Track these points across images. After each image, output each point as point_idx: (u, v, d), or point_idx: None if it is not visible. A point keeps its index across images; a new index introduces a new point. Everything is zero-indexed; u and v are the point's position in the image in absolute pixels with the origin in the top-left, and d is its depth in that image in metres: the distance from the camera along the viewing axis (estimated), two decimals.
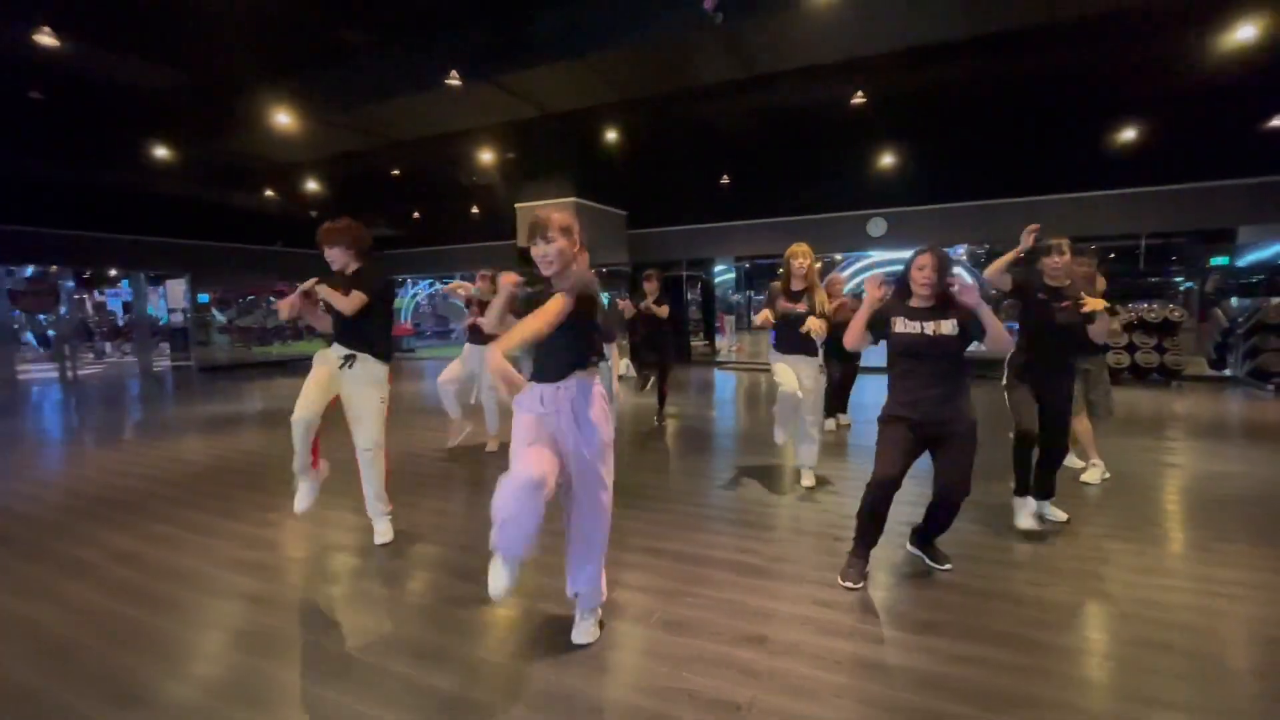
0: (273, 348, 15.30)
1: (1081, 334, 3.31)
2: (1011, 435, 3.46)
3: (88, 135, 8.08)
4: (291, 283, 6.17)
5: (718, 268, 13.68)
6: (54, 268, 11.65)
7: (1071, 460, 4.47)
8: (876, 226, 11.10)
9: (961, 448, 2.63)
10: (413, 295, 19.49)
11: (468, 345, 5.38)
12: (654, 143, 9.01)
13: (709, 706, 1.99)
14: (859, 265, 13.59)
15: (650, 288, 5.92)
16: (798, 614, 2.56)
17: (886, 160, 9.56)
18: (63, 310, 12.02)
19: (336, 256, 3.22)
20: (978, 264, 12.31)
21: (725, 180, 10.39)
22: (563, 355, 2.25)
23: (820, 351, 4.14)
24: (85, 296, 20.64)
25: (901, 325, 2.70)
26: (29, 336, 16.97)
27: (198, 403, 8.91)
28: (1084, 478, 4.27)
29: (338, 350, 3.25)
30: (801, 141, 9.24)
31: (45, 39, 4.53)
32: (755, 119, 8.13)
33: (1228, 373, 9.09)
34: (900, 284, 2.78)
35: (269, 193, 10.73)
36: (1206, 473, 4.50)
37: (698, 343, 13.78)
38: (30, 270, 12.80)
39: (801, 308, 3.89)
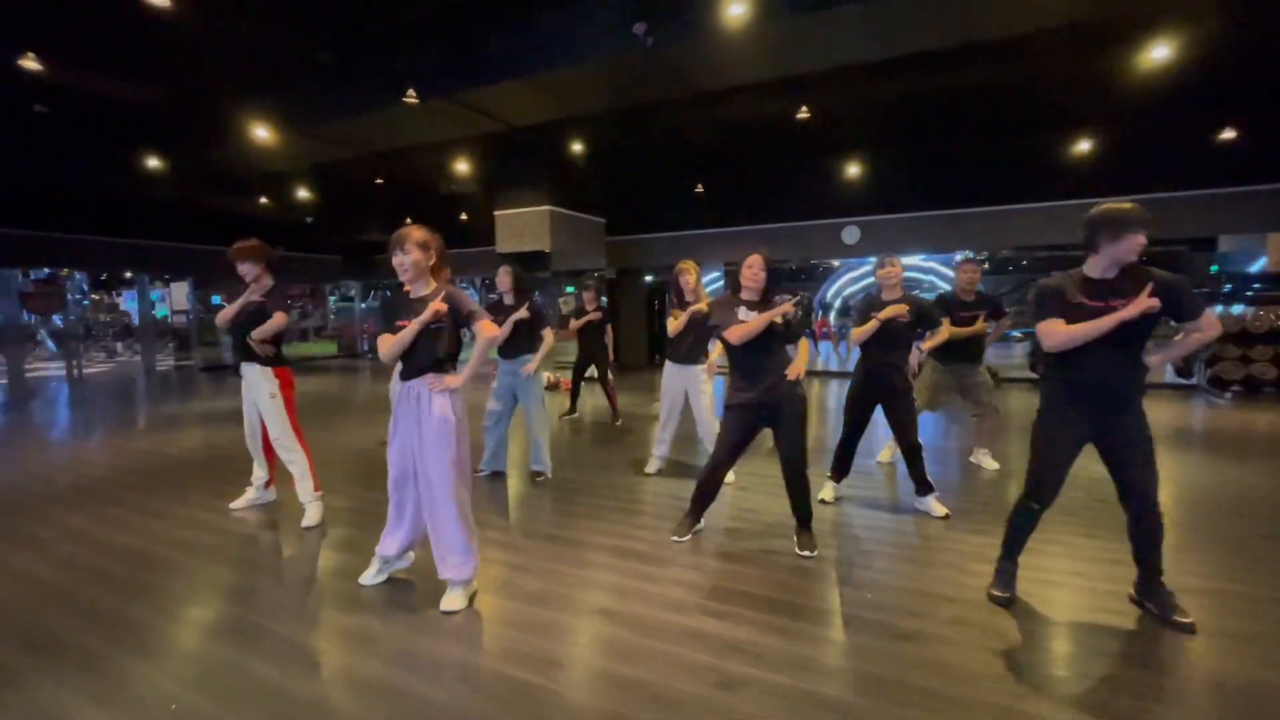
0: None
1: (902, 340, 3.70)
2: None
3: (88, 144, 8.57)
4: (297, 285, 6.47)
5: (708, 276, 13.93)
6: (64, 271, 12.23)
7: (987, 461, 4.78)
8: (850, 234, 11.28)
9: (795, 426, 3.05)
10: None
11: None
12: (628, 152, 9.31)
13: (542, 665, 2.27)
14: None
15: (588, 297, 6.20)
16: (653, 591, 2.83)
17: (858, 170, 9.77)
18: (71, 312, 12.60)
19: (247, 271, 3.63)
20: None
21: (699, 189, 10.65)
22: (419, 358, 2.57)
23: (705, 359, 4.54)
24: (101, 298, 21.39)
25: (742, 316, 3.04)
26: (43, 336, 17.67)
27: (189, 399, 9.35)
28: (983, 463, 4.87)
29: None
30: (772, 151, 9.49)
31: (29, 64, 4.97)
32: (724, 129, 8.40)
33: (1194, 381, 9.17)
34: (734, 281, 3.15)
35: (263, 200, 11.19)
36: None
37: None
38: (45, 273, 13.45)
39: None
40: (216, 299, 14.80)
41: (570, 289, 17.31)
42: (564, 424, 6.96)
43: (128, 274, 17.35)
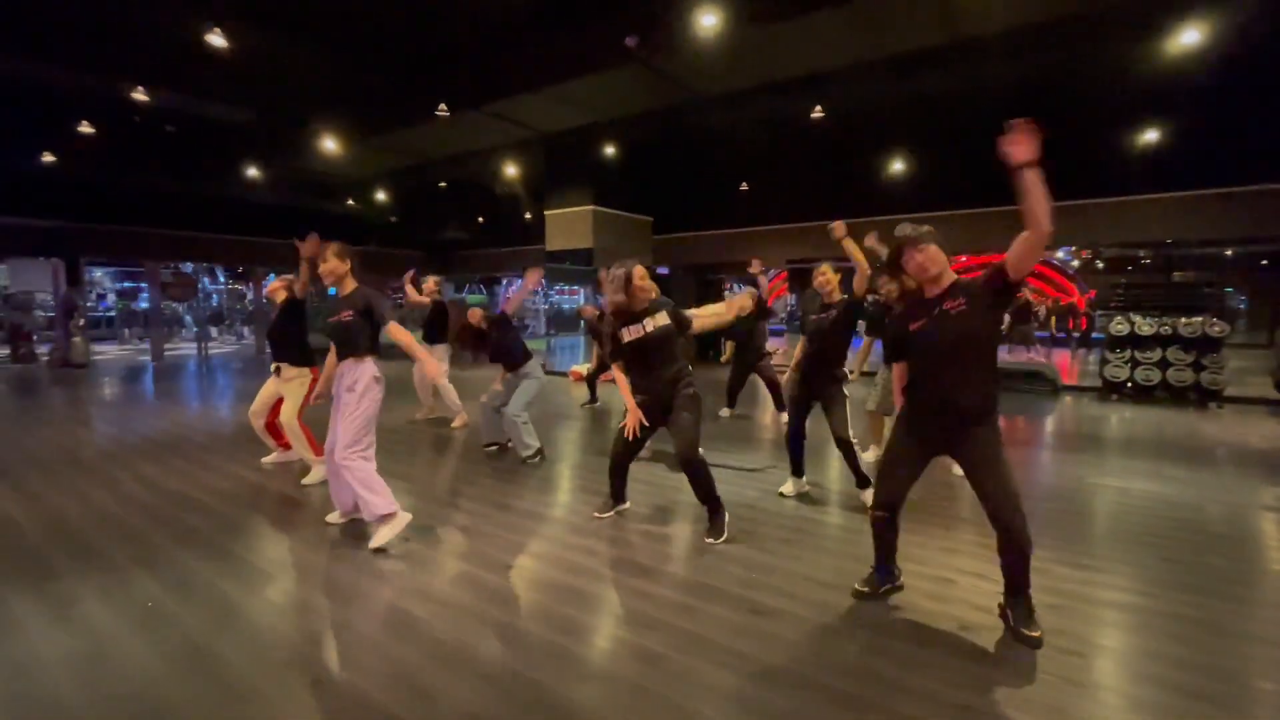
0: None
1: (831, 338, 3.79)
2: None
3: (209, 158, 10.06)
4: (393, 278, 7.54)
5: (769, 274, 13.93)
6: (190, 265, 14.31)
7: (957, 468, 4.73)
8: (910, 228, 10.92)
9: (683, 420, 3.21)
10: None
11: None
12: (666, 154, 9.60)
13: (424, 599, 2.72)
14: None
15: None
16: (557, 554, 3.20)
17: (903, 166, 9.48)
18: (203, 300, 14.71)
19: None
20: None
21: (744, 187, 10.73)
22: (340, 349, 3.19)
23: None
24: (239, 287, 24.45)
25: (627, 332, 3.32)
26: (187, 320, 20.55)
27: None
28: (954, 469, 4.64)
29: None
30: (814, 149, 9.42)
31: (139, 95, 6.10)
32: (757, 128, 8.49)
33: None
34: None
35: (350, 202, 12.51)
36: (1115, 489, 4.47)
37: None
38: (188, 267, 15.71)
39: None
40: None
41: None
42: (585, 411, 7.41)
43: (239, 268, 19.81)
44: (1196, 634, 2.48)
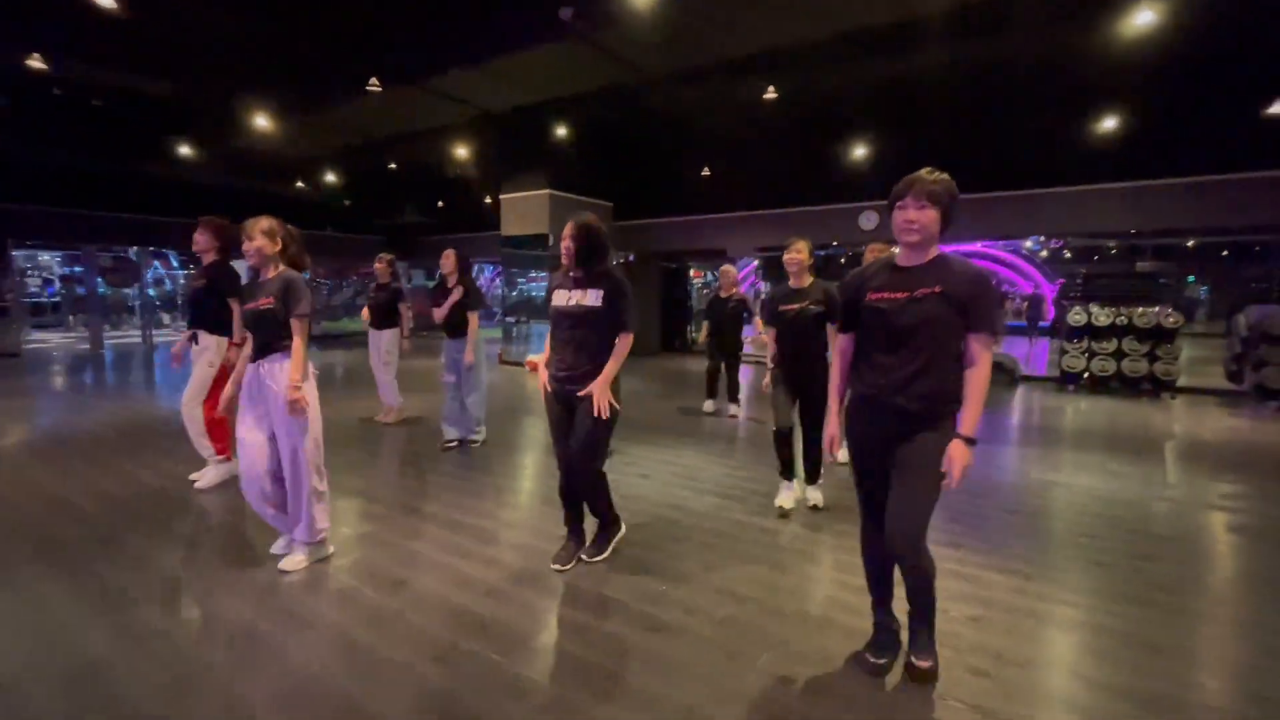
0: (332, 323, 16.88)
1: (815, 328, 3.45)
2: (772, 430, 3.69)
3: (139, 135, 9.47)
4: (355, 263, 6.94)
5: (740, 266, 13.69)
6: (134, 249, 13.62)
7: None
8: (868, 220, 10.76)
9: (582, 420, 2.77)
10: None
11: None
12: (624, 137, 9.27)
13: (293, 623, 2.44)
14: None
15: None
16: (456, 566, 2.94)
17: (869, 152, 9.27)
18: (148, 286, 14.05)
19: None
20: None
21: (706, 172, 10.45)
22: (259, 340, 2.82)
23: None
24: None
25: (557, 295, 2.87)
26: (135, 307, 19.69)
27: None
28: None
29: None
30: (775, 134, 9.16)
31: (35, 63, 5.61)
32: (715, 112, 8.20)
33: (1244, 388, 8.19)
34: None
35: (299, 184, 11.97)
36: (1060, 485, 4.34)
37: None
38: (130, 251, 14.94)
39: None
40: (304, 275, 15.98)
41: None
42: (539, 406, 7.14)
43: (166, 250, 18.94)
44: (1126, 651, 2.31)
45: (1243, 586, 2.86)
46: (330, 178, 11.66)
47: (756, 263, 17.62)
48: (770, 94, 6.43)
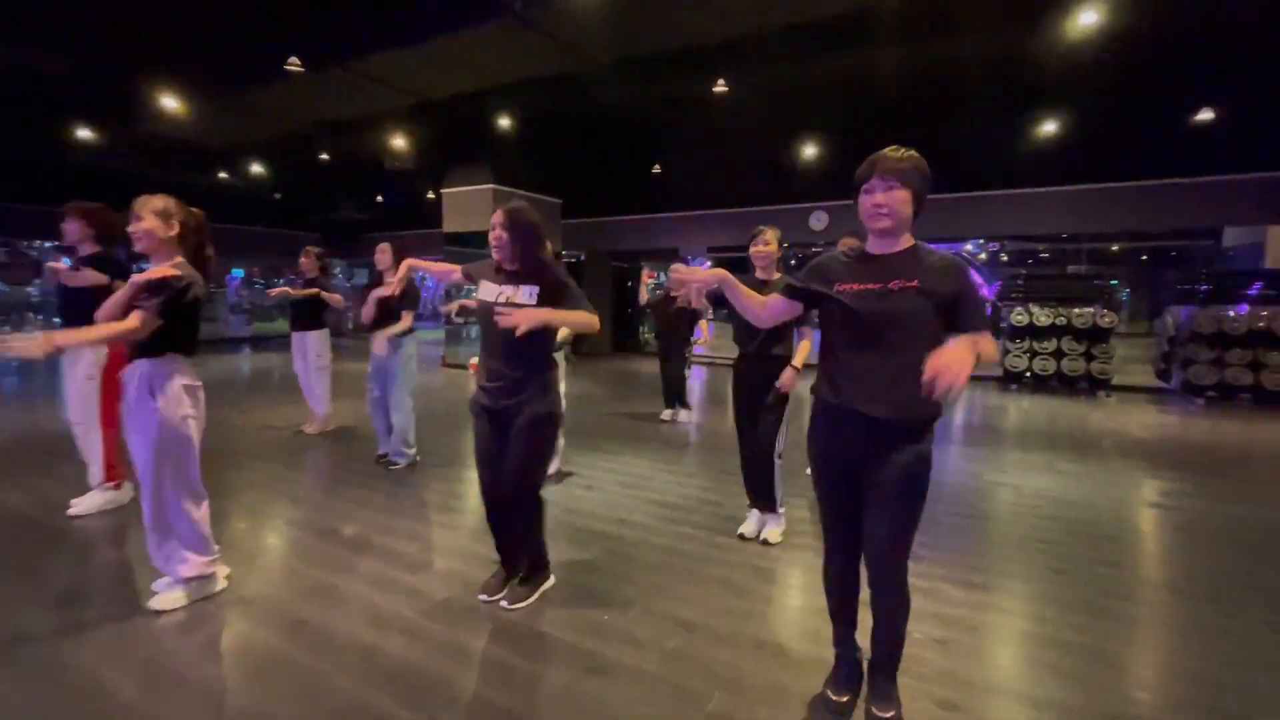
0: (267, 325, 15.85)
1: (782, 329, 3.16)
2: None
3: (41, 116, 8.55)
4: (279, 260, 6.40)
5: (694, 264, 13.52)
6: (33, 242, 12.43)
7: None
8: (818, 220, 10.79)
9: (517, 439, 2.43)
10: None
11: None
12: (571, 131, 8.96)
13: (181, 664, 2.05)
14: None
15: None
16: (372, 601, 2.59)
17: (819, 152, 9.24)
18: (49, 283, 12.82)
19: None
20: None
21: (657, 170, 10.25)
22: (134, 342, 2.37)
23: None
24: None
25: (484, 289, 2.49)
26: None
27: None
28: None
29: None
30: (727, 131, 9.03)
31: None
32: (665, 106, 7.99)
33: (1171, 386, 8.53)
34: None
35: (222, 175, 11.14)
36: (1010, 487, 4.28)
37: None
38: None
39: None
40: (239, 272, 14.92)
41: None
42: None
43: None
44: (1095, 670, 2.17)
45: (1198, 590, 2.80)
46: (257, 168, 10.90)
47: (709, 264, 17.55)
48: (721, 87, 6.24)
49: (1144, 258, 19.77)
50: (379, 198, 13.64)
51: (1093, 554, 3.18)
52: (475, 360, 8.08)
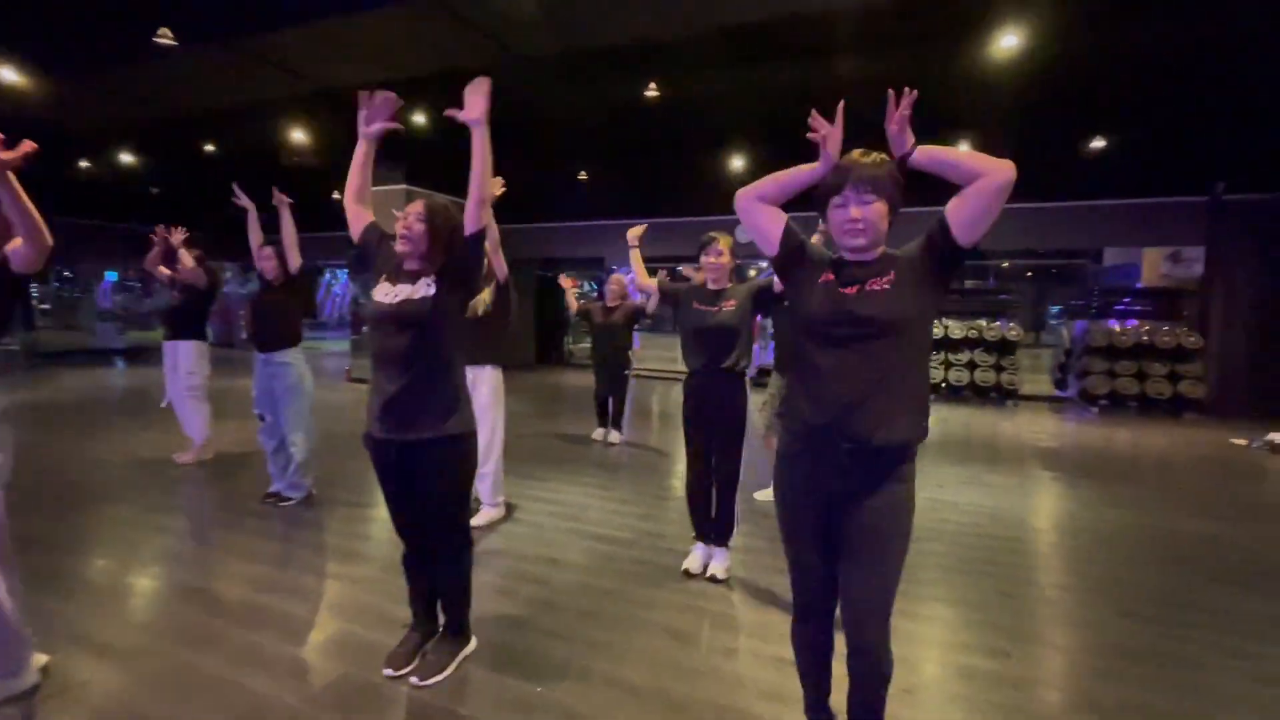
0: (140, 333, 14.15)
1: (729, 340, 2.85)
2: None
3: None
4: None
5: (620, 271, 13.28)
6: None
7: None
8: (743, 233, 10.81)
9: (428, 473, 2.02)
10: None
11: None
12: (499, 129, 8.46)
13: None
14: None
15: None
16: (218, 677, 2.08)
17: (747, 163, 9.24)
18: None
19: None
20: None
21: (583, 176, 9.93)
22: None
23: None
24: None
25: (380, 290, 2.05)
26: None
27: None
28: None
29: None
30: (656, 139, 8.87)
31: None
32: (596, 111, 7.71)
33: (1068, 393, 9.11)
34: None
35: (84, 164, 9.78)
36: (947, 504, 4.23)
37: None
38: None
39: None
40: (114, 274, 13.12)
41: None
42: None
43: None
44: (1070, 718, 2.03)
45: (1146, 611, 2.77)
46: (127, 158, 9.64)
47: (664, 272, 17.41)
48: (652, 91, 6.02)
49: (1029, 274, 21.58)
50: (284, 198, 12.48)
51: (1039, 577, 3.13)
52: None
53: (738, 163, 8.96)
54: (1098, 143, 7.22)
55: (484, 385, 3.55)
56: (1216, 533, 3.79)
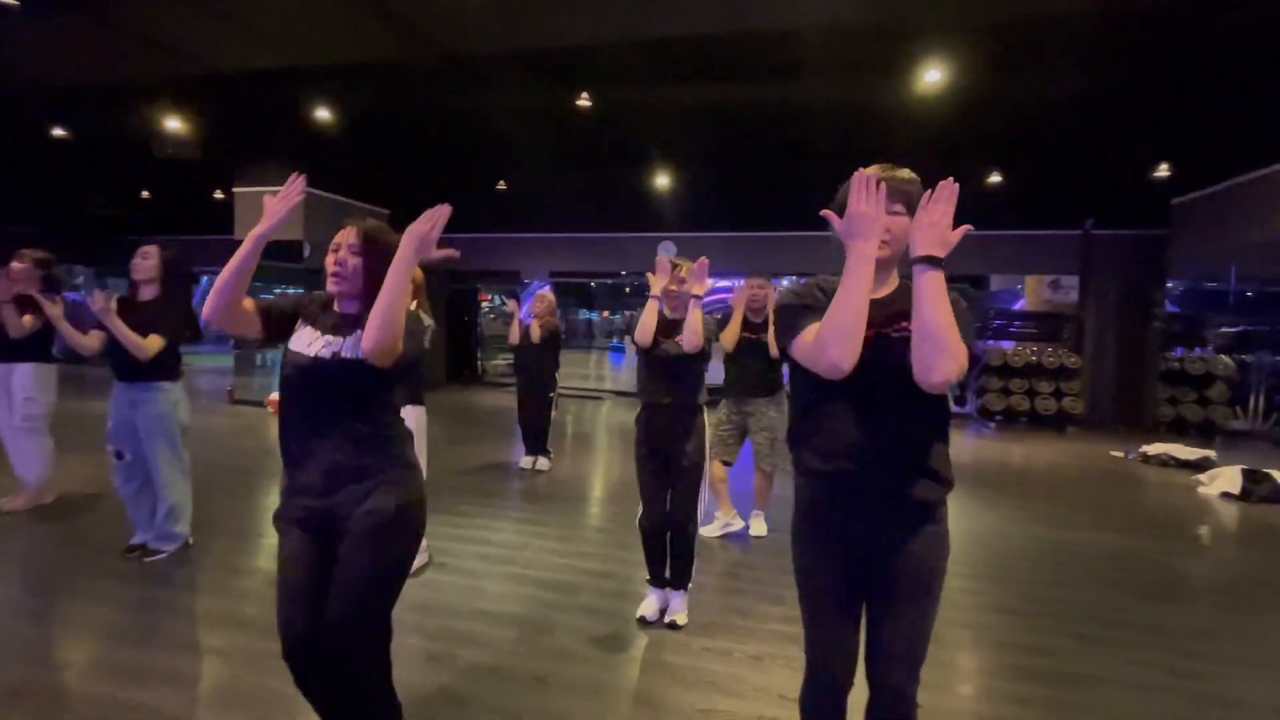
0: None
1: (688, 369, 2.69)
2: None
3: None
4: None
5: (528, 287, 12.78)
6: None
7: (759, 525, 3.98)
8: (666, 250, 10.79)
9: (358, 548, 1.54)
10: None
11: None
12: (406, 133, 7.93)
13: None
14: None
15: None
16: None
17: (670, 182, 9.20)
18: None
19: None
20: None
21: (501, 186, 9.51)
22: None
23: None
24: None
25: (298, 339, 1.65)
26: None
27: None
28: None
29: None
30: (577, 152, 8.64)
31: None
32: (517, 119, 7.36)
33: (967, 410, 9.73)
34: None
35: None
36: None
37: None
38: None
39: None
40: None
41: None
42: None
43: None
44: None
45: (1092, 632, 2.81)
46: None
47: (549, 286, 17.00)
48: (584, 101, 5.79)
49: None
50: (144, 193, 11.04)
51: (998, 602, 3.14)
52: (274, 396, 6.55)
53: (662, 180, 8.90)
54: (995, 178, 7.80)
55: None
56: (1126, 546, 4.03)
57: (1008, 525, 4.40)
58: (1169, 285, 9.27)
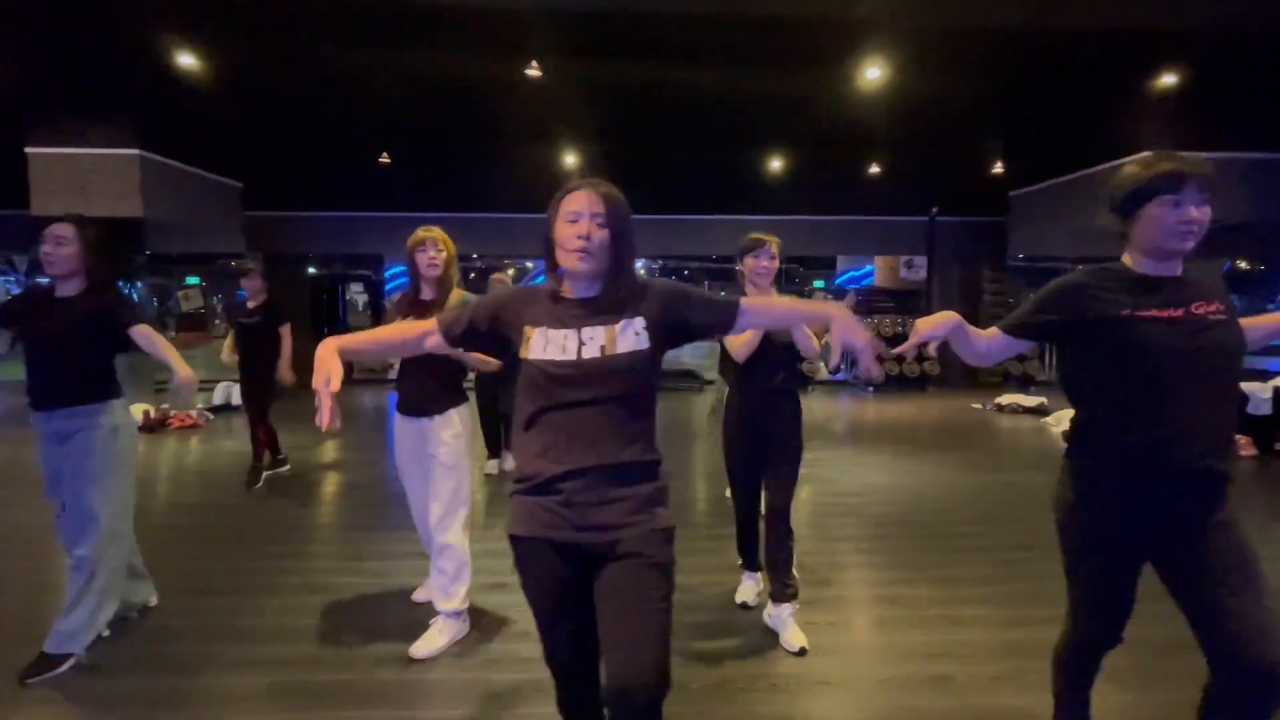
0: None
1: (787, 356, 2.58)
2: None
3: None
4: None
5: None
6: None
7: None
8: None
9: (632, 602, 1.30)
10: None
11: None
12: (276, 90, 6.74)
13: None
14: None
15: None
16: None
17: (581, 161, 8.87)
18: None
19: None
20: None
21: (385, 159, 8.50)
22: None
23: None
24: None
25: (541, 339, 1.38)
26: None
27: None
28: None
29: None
30: (481, 126, 8.00)
31: None
32: (419, 90, 6.60)
33: (842, 376, 10.83)
34: None
35: None
36: (878, 486, 4.60)
37: None
38: None
39: None
40: None
41: (193, 279, 12.56)
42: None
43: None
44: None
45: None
46: None
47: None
48: (535, 70, 5.33)
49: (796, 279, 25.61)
50: None
51: (995, 537, 3.59)
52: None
53: (570, 159, 8.59)
54: (874, 169, 8.70)
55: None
56: (1033, 481, 4.72)
57: (951, 473, 5.04)
58: (1011, 263, 10.90)
